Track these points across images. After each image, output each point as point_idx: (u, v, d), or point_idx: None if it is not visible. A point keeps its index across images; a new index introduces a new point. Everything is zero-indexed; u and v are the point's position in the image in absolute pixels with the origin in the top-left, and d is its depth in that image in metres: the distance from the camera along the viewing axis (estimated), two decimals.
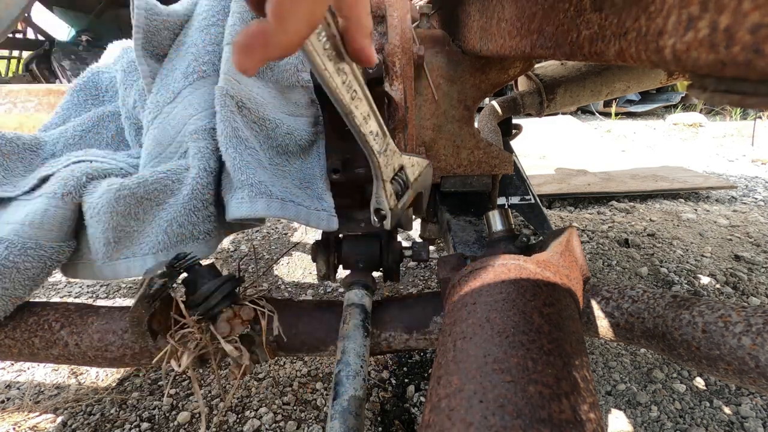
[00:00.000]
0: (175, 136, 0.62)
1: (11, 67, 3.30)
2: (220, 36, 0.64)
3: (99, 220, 0.56)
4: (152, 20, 0.64)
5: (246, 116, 0.60)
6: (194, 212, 0.59)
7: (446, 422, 0.26)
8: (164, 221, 0.58)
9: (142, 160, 0.65)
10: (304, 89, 0.70)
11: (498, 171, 0.81)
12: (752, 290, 1.53)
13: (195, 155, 0.59)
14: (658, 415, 1.06)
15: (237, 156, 0.56)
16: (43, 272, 0.57)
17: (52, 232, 0.56)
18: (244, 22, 0.62)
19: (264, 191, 0.57)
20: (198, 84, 0.63)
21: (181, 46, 0.66)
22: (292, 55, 0.66)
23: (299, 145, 0.66)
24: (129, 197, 0.56)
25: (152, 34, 0.65)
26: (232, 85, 0.58)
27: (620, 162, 3.04)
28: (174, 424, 1.04)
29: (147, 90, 0.67)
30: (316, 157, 0.68)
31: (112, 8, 2.87)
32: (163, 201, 0.59)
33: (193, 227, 0.59)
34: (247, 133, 0.59)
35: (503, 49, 0.54)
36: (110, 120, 0.78)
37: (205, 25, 0.65)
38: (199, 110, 0.61)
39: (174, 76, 0.64)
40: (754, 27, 0.19)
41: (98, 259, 0.58)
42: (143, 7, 0.62)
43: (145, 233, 0.59)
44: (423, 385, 1.16)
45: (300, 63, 0.69)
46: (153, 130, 0.64)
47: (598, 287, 0.52)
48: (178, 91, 0.63)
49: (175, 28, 0.67)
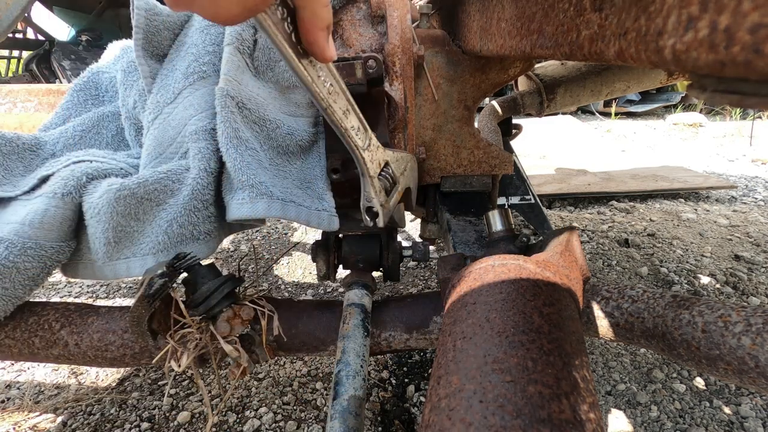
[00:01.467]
0: (175, 136, 0.62)
1: (11, 67, 3.30)
2: (220, 37, 0.64)
3: (99, 220, 0.56)
4: (152, 20, 0.64)
5: (246, 117, 0.60)
6: (194, 212, 0.59)
7: (446, 422, 0.26)
8: (164, 221, 0.58)
9: (142, 160, 0.65)
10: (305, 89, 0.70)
11: (498, 171, 0.81)
12: (752, 290, 1.53)
13: (195, 156, 0.59)
14: (658, 415, 1.06)
15: (238, 157, 0.56)
16: (43, 272, 0.57)
17: (52, 232, 0.56)
18: (244, 23, 0.62)
19: (265, 192, 0.57)
20: (198, 84, 0.63)
21: (181, 46, 0.66)
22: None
23: (300, 145, 0.66)
24: (129, 197, 0.56)
25: (152, 35, 0.65)
26: (233, 86, 0.58)
27: (620, 162, 3.04)
28: (174, 424, 1.04)
29: (147, 90, 0.67)
30: (316, 157, 0.68)
31: (112, 8, 2.87)
32: (163, 201, 0.59)
33: (193, 227, 0.59)
34: (247, 133, 0.59)
35: (503, 49, 0.54)
36: (110, 120, 0.78)
37: (205, 26, 0.65)
38: (199, 111, 0.61)
39: (174, 77, 0.64)
40: (753, 27, 0.19)
41: (98, 259, 0.58)
42: (143, 8, 0.62)
43: (145, 233, 0.59)
44: (423, 385, 1.16)
45: None
46: (153, 130, 0.64)
47: (598, 287, 0.52)
48: (179, 92, 0.63)
49: (175, 28, 0.67)
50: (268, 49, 0.65)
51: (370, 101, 0.60)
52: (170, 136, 0.63)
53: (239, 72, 0.60)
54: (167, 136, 0.63)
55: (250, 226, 0.69)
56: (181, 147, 0.62)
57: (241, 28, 0.62)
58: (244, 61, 0.63)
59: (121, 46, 0.83)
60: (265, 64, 0.65)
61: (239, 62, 0.61)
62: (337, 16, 0.70)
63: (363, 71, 0.54)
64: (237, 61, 0.61)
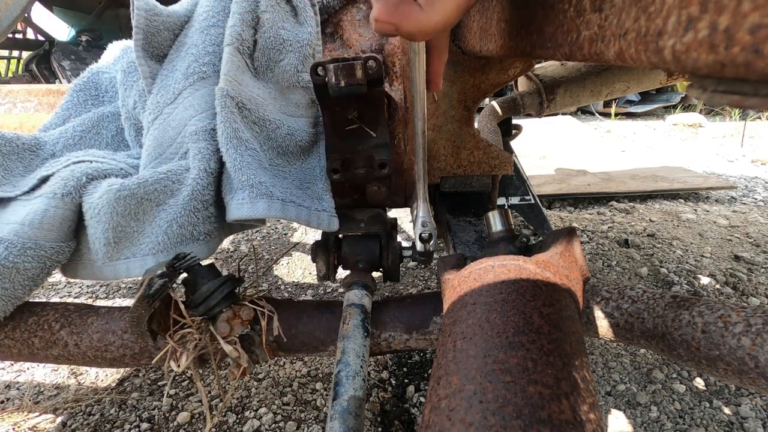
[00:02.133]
0: (175, 136, 0.62)
1: (11, 67, 3.30)
2: (220, 37, 0.64)
3: (99, 220, 0.56)
4: (152, 21, 0.64)
5: (246, 117, 0.60)
6: (194, 213, 0.59)
7: (446, 422, 0.26)
8: (164, 222, 0.58)
9: (142, 160, 0.65)
10: (305, 90, 0.70)
11: (498, 171, 0.81)
12: (752, 290, 1.53)
13: (195, 156, 0.59)
14: (657, 416, 1.06)
15: (238, 157, 0.56)
16: (43, 272, 0.57)
17: (52, 232, 0.56)
18: (244, 23, 0.62)
19: (265, 192, 0.57)
20: (198, 85, 0.63)
21: (181, 47, 0.66)
22: (293, 55, 0.66)
23: (299, 145, 0.66)
24: (129, 198, 0.56)
25: (152, 35, 0.65)
26: (233, 86, 0.58)
27: (620, 162, 3.04)
28: (174, 424, 1.04)
29: (147, 90, 0.67)
30: (316, 157, 0.68)
31: (112, 8, 2.87)
32: (163, 202, 0.59)
33: (193, 228, 0.59)
34: (247, 134, 0.59)
35: (503, 50, 0.54)
36: (110, 120, 0.78)
37: (205, 26, 0.65)
38: (199, 111, 0.61)
39: (174, 77, 0.64)
40: (753, 27, 0.19)
41: (98, 260, 0.58)
42: (143, 8, 0.62)
43: (145, 234, 0.59)
44: (423, 385, 1.16)
45: (300, 63, 0.69)
46: (153, 130, 0.64)
47: (598, 287, 0.52)
48: (179, 92, 0.63)
49: (175, 28, 0.67)
50: (269, 50, 0.65)
51: (370, 101, 0.60)
52: (170, 136, 0.63)
53: (239, 72, 0.60)
54: (167, 137, 0.63)
55: (250, 227, 0.69)
56: (181, 147, 0.62)
57: (241, 29, 0.62)
58: (244, 61, 0.63)
59: (121, 47, 0.83)
60: (265, 64, 0.65)
61: (239, 62, 0.61)
62: (337, 17, 0.70)
63: (363, 72, 0.54)
64: (237, 61, 0.61)
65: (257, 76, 0.66)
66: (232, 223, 0.59)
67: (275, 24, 0.65)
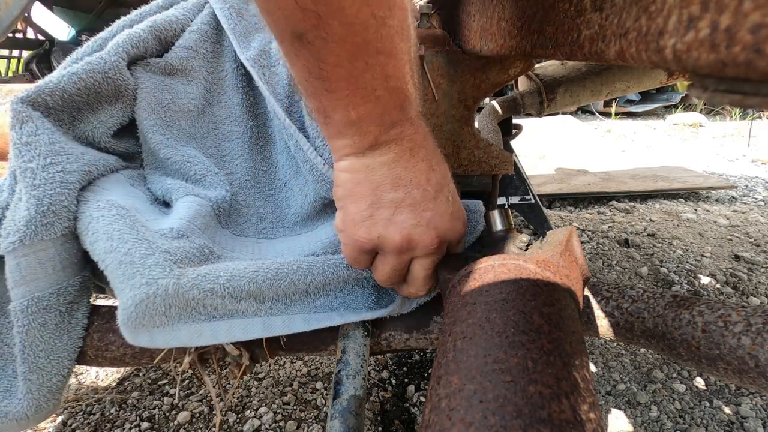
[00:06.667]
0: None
1: (11, 67, 3.29)
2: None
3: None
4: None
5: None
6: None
7: (446, 422, 0.26)
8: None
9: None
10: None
11: (498, 171, 0.81)
12: (752, 290, 1.53)
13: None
14: (657, 415, 1.06)
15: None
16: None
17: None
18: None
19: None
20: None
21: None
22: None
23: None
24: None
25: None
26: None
27: (620, 162, 3.04)
28: (174, 424, 1.04)
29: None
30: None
31: (112, 8, 2.87)
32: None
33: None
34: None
35: (503, 49, 0.54)
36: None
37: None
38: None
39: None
40: (754, 27, 0.19)
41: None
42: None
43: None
44: (423, 385, 1.17)
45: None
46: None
47: (598, 287, 0.52)
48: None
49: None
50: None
51: None
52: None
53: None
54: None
55: None
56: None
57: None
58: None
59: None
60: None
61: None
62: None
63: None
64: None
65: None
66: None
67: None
